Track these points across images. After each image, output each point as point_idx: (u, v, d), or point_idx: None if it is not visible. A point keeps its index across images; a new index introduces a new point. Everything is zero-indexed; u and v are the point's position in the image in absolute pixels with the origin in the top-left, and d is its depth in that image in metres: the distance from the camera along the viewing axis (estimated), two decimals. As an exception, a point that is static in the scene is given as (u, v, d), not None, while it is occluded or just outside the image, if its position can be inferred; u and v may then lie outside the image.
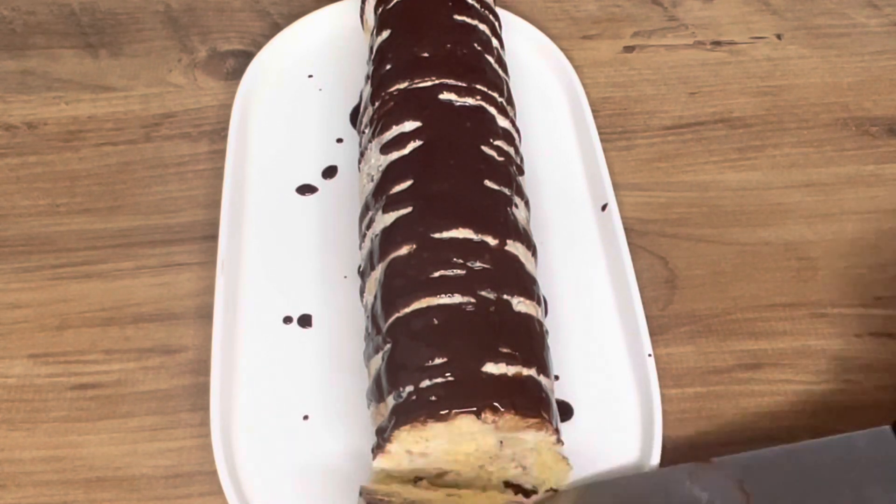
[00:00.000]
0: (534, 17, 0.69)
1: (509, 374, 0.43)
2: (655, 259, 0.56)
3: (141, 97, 0.64)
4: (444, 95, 0.52)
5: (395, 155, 0.50)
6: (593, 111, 0.62)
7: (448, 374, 0.42)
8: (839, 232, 0.58)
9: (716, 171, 0.61)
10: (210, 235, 0.56)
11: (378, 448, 0.43)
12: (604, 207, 0.56)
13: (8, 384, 0.51)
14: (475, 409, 0.41)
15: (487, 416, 0.41)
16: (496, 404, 0.41)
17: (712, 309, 0.54)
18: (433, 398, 0.41)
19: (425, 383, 0.42)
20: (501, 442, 0.43)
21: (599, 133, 0.60)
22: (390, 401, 0.43)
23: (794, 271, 0.56)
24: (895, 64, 0.67)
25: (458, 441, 0.43)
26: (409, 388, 0.42)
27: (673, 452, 0.48)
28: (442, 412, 0.41)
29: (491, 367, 0.43)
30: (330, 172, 0.59)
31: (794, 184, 0.60)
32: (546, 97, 0.63)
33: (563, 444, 0.43)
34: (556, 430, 0.43)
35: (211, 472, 0.48)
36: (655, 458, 0.47)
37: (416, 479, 0.46)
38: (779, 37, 0.69)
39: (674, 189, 0.60)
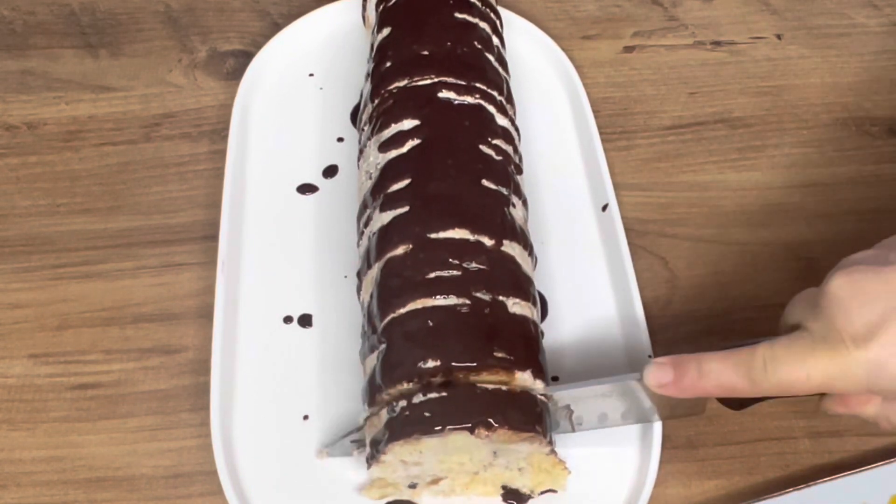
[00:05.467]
0: (534, 16, 0.69)
1: (503, 388, 0.42)
2: (655, 259, 0.56)
3: (141, 97, 0.64)
4: (444, 93, 0.52)
5: (393, 153, 0.50)
6: (593, 111, 0.62)
7: (442, 390, 0.42)
8: (839, 232, 0.58)
9: (716, 171, 0.61)
10: (210, 235, 0.56)
11: (373, 458, 0.43)
12: (604, 208, 0.56)
13: (8, 384, 0.51)
14: (469, 425, 0.41)
15: (481, 432, 0.41)
16: (490, 420, 0.41)
17: (712, 309, 0.54)
18: (427, 414, 0.41)
19: (418, 398, 0.42)
20: (495, 452, 0.43)
21: (599, 133, 0.60)
22: (384, 414, 0.43)
23: (794, 271, 0.56)
24: (895, 64, 0.67)
25: (452, 452, 0.43)
26: (403, 404, 0.42)
27: (672, 453, 0.48)
28: (436, 428, 0.41)
29: (486, 377, 0.43)
30: (330, 171, 0.59)
31: (794, 184, 0.60)
32: (547, 96, 0.63)
33: (556, 454, 0.43)
34: (550, 442, 0.43)
35: (211, 472, 0.48)
36: (655, 460, 0.47)
37: (411, 484, 0.46)
38: (779, 37, 0.69)
39: (674, 189, 0.60)
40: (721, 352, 0.41)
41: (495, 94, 0.54)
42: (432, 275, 0.45)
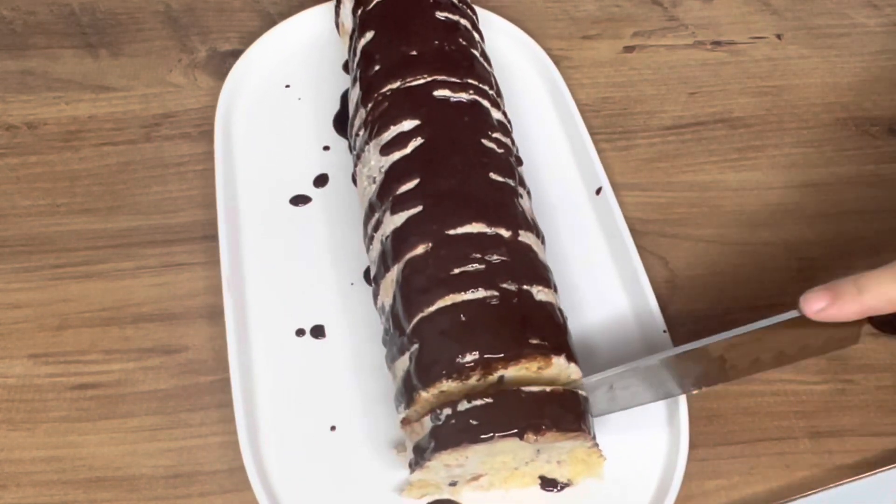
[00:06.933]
0: (534, 17, 0.69)
1: (547, 389, 0.43)
2: (655, 259, 0.56)
3: (141, 97, 0.64)
4: (439, 92, 0.52)
5: (396, 155, 0.50)
6: (593, 111, 0.62)
7: (487, 396, 0.42)
8: (839, 232, 0.58)
9: (716, 171, 0.61)
10: (210, 235, 0.56)
11: (417, 465, 0.43)
12: (598, 191, 0.57)
13: (8, 384, 0.51)
14: (517, 431, 0.41)
15: (530, 437, 0.41)
16: (539, 425, 0.41)
17: (712, 309, 0.54)
18: (473, 422, 0.41)
19: (463, 406, 0.42)
20: (538, 450, 0.43)
21: (600, 133, 0.60)
22: (427, 422, 0.43)
23: (794, 271, 0.56)
24: (895, 64, 0.67)
25: (496, 454, 0.43)
26: (448, 411, 0.42)
27: (673, 452, 0.48)
28: (483, 436, 0.41)
29: (524, 364, 0.43)
30: (321, 181, 0.59)
31: (794, 184, 0.60)
32: (528, 91, 0.63)
33: (598, 446, 0.44)
34: (594, 437, 0.43)
35: (211, 472, 0.48)
36: (684, 433, 0.47)
37: (452, 482, 0.46)
38: (779, 37, 0.69)
39: (674, 189, 0.60)
40: (875, 269, 0.41)
41: (487, 88, 0.54)
42: (457, 270, 0.45)
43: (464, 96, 0.53)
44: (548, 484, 0.47)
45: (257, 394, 0.50)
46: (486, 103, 0.53)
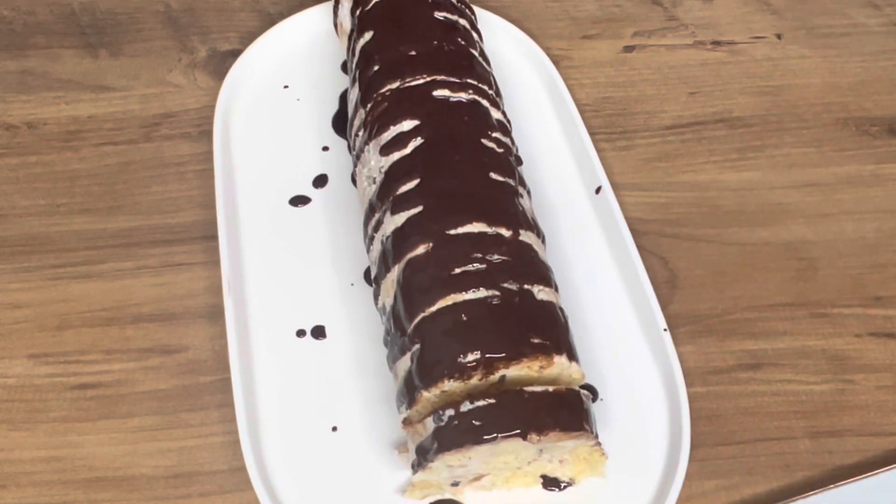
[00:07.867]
0: (534, 17, 0.69)
1: (550, 389, 0.43)
2: (655, 259, 0.56)
3: (141, 97, 0.64)
4: (439, 92, 0.52)
5: (396, 155, 0.50)
6: (593, 111, 0.62)
7: (489, 397, 0.42)
8: (839, 232, 0.58)
9: (716, 171, 0.61)
10: (210, 235, 0.56)
11: (420, 466, 0.43)
12: (598, 190, 0.57)
13: (8, 384, 0.51)
14: (520, 431, 0.41)
15: (533, 437, 0.41)
16: (542, 425, 0.41)
17: (712, 309, 0.54)
18: (476, 423, 0.41)
19: (466, 406, 0.42)
20: (541, 450, 0.43)
21: (599, 133, 0.60)
22: (430, 423, 0.43)
23: (794, 271, 0.56)
24: (895, 64, 0.67)
25: (499, 454, 0.43)
26: (451, 412, 0.42)
27: (673, 452, 0.48)
28: (486, 437, 0.41)
29: (525, 363, 0.43)
30: (321, 181, 0.59)
31: (794, 184, 0.60)
32: (527, 90, 0.63)
33: (601, 445, 0.44)
34: (596, 436, 0.43)
35: (211, 472, 0.48)
36: (686, 432, 0.47)
37: (454, 483, 0.46)
38: (779, 37, 0.69)
39: (674, 189, 0.60)
40: None
41: (486, 88, 0.54)
42: (458, 270, 0.45)
43: (463, 96, 0.53)
44: (550, 483, 0.47)
45: (258, 394, 0.50)
46: (485, 103, 0.53)
